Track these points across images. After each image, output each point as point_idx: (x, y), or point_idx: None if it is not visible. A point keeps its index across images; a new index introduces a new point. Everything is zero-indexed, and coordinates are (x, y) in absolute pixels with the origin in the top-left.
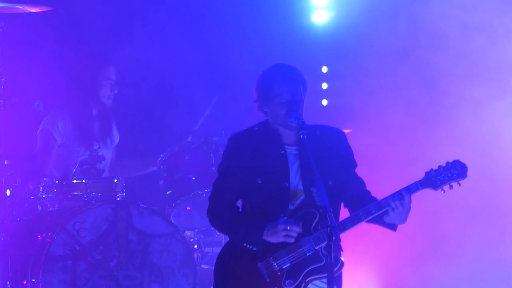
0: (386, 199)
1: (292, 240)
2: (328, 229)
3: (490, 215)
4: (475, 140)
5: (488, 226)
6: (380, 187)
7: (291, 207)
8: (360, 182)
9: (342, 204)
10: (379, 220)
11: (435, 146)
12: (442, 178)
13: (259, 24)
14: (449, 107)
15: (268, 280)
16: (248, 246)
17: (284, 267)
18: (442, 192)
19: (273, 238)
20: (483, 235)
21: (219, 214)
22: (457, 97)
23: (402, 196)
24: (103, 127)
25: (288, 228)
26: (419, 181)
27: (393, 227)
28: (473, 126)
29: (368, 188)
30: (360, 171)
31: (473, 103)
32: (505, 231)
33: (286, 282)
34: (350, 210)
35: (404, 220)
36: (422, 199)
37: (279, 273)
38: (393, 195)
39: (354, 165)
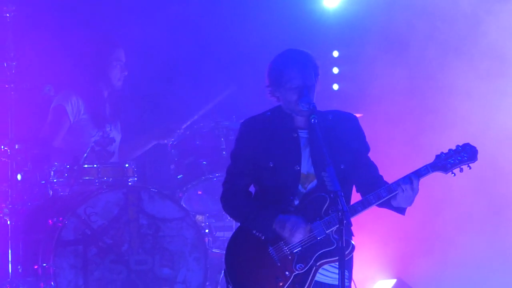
0: (396, 182)
1: (297, 240)
2: (339, 213)
3: (503, 205)
4: (485, 125)
5: (500, 216)
6: (391, 171)
7: (303, 190)
8: (372, 167)
9: (354, 188)
10: (388, 204)
11: (446, 130)
12: (453, 161)
13: (270, 9)
14: (460, 92)
15: (279, 264)
16: (258, 234)
17: (295, 251)
18: (453, 175)
19: (280, 231)
20: (495, 225)
21: (232, 200)
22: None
23: (412, 180)
24: (113, 109)
25: (295, 229)
26: (430, 164)
27: (401, 210)
28: (484, 114)
29: (379, 172)
30: (371, 155)
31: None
32: None
33: (297, 266)
34: (362, 195)
35: (411, 202)
36: (434, 187)
37: (290, 257)
38: (403, 178)
39: (367, 149)
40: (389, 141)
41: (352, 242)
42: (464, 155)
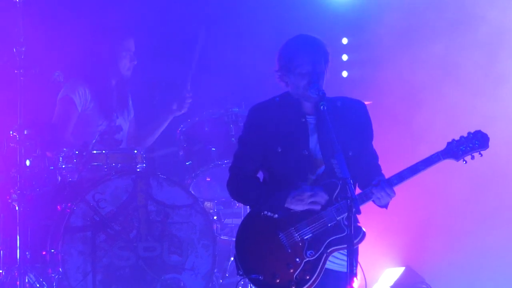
0: (370, 189)
1: (318, 207)
2: (348, 200)
3: None
4: (495, 112)
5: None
6: (398, 159)
7: (311, 176)
8: (374, 155)
9: None
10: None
11: (455, 119)
12: (464, 149)
13: None
14: (470, 80)
15: (289, 250)
16: (270, 213)
17: (305, 237)
18: (464, 162)
19: (298, 206)
20: (505, 213)
21: (239, 183)
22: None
23: (384, 188)
24: (120, 98)
25: (315, 194)
26: (441, 151)
27: (383, 206)
28: (494, 99)
29: (386, 160)
30: (378, 142)
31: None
32: None
33: (308, 252)
34: (355, 181)
35: (386, 205)
36: (442, 175)
37: (300, 244)
38: (378, 186)
39: (371, 137)
40: (397, 129)
41: (363, 229)
42: (475, 142)
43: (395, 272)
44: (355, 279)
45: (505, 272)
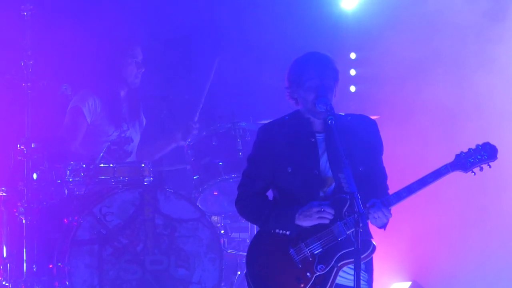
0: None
1: (327, 221)
2: (356, 215)
3: None
4: (504, 133)
5: None
6: (406, 172)
7: (322, 194)
8: (382, 174)
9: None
10: None
11: (463, 132)
12: (472, 160)
13: (289, 11)
14: (478, 98)
15: (300, 266)
16: (280, 231)
17: (315, 252)
18: (473, 174)
19: (307, 221)
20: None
21: (249, 202)
22: (486, 88)
23: (381, 208)
24: (131, 109)
25: (322, 210)
26: (450, 163)
27: (381, 227)
28: (502, 120)
29: (394, 173)
30: (388, 157)
31: (502, 96)
32: None
33: (318, 267)
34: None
35: (384, 226)
36: (449, 188)
37: (311, 259)
38: (375, 206)
39: (381, 154)
40: (405, 143)
41: (374, 242)
42: (484, 154)
43: (402, 287)
44: None
45: None
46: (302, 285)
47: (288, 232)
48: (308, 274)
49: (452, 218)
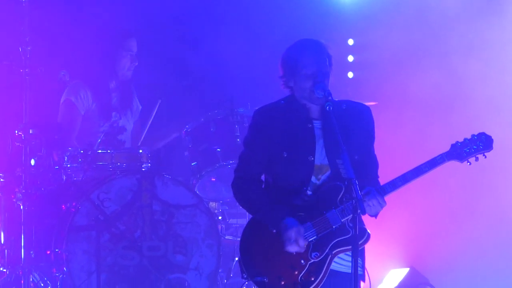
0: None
1: (293, 252)
2: (353, 201)
3: None
4: (498, 118)
5: None
6: (402, 160)
7: (316, 181)
8: (373, 163)
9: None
10: None
11: (459, 120)
12: (468, 150)
13: None
14: (473, 85)
15: (294, 253)
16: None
17: (310, 239)
18: (468, 164)
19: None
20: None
21: (244, 189)
22: (481, 75)
23: (376, 196)
24: (122, 99)
25: (294, 240)
26: (445, 153)
27: (373, 216)
28: (497, 105)
29: (390, 161)
30: (381, 144)
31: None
32: None
33: (313, 254)
34: None
35: (376, 215)
36: (447, 176)
37: (305, 246)
38: (371, 193)
39: (373, 141)
40: (401, 130)
41: (368, 230)
42: (479, 144)
43: (400, 273)
44: (361, 282)
45: (509, 273)
46: (296, 273)
47: (274, 231)
48: (302, 261)
49: (450, 205)
